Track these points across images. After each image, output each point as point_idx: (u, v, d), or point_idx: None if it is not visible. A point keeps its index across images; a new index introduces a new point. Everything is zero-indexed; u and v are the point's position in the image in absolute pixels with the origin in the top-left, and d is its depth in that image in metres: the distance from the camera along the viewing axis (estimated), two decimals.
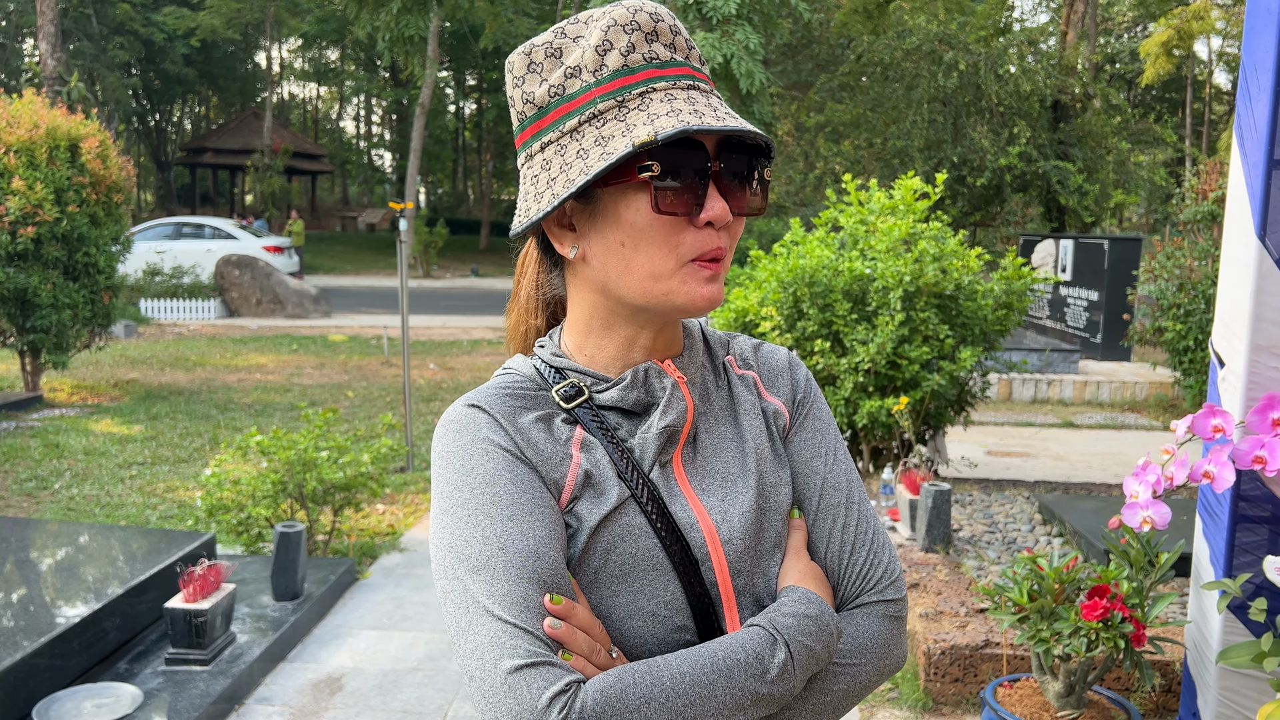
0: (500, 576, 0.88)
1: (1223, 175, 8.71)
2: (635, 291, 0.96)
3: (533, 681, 0.83)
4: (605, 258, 0.96)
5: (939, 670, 3.41)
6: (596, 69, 0.93)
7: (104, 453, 7.05)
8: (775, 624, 0.93)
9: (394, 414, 8.43)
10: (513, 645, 0.85)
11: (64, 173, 8.25)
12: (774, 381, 1.11)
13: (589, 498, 0.95)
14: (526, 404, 0.99)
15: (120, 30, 32.63)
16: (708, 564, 0.96)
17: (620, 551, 0.94)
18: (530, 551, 0.89)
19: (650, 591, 0.94)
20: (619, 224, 0.93)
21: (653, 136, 0.87)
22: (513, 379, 1.03)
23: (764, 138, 0.95)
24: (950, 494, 4.35)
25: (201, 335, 14.38)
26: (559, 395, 1.00)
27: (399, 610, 4.31)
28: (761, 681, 0.90)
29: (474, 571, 0.89)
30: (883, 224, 5.58)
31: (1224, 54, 31.71)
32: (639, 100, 0.92)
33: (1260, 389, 2.47)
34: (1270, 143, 2.44)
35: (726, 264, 0.97)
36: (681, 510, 0.97)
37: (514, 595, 0.87)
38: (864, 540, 1.04)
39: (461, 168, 47.93)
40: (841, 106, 21.17)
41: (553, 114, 0.95)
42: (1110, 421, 9.03)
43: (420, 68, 23.30)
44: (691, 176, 0.91)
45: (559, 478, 0.95)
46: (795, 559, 1.02)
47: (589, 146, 0.91)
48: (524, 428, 0.97)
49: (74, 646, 3.24)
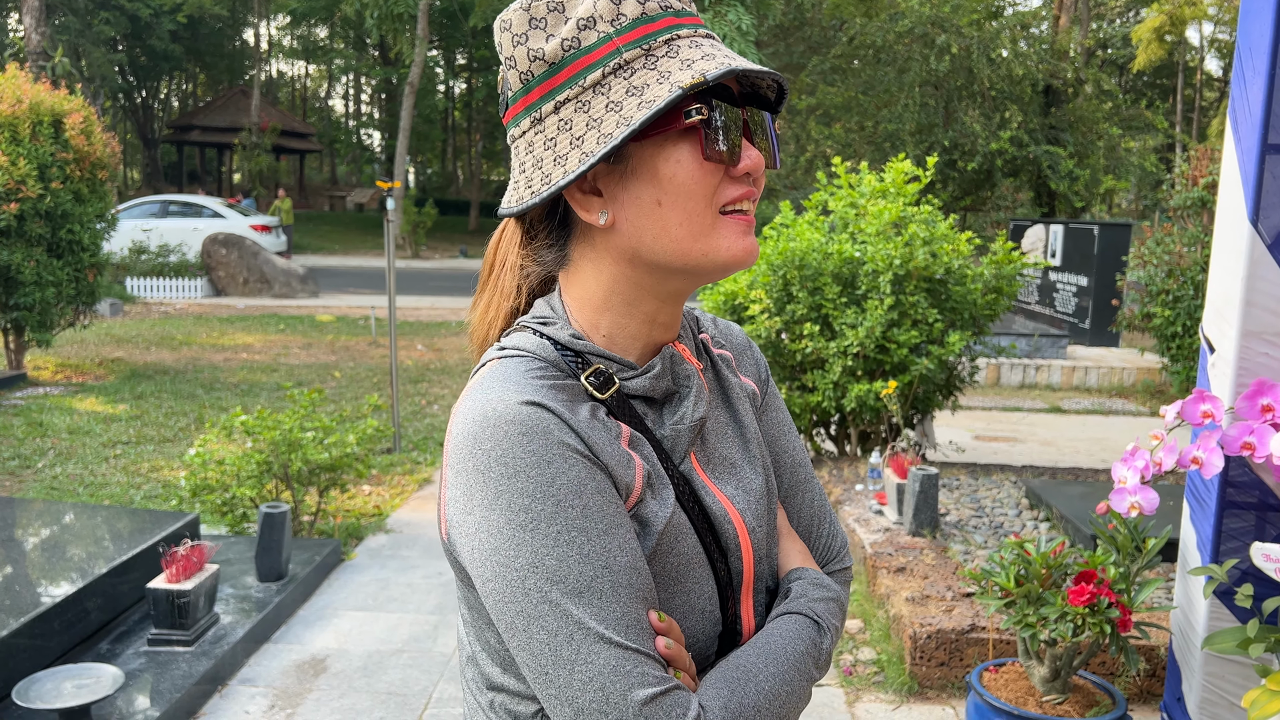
0: (609, 598, 0.81)
1: (1213, 161, 8.71)
2: (673, 253, 0.89)
3: (670, 710, 0.79)
4: (638, 220, 0.89)
5: (925, 654, 3.41)
6: (614, 18, 0.87)
7: (88, 431, 7.00)
8: (815, 611, 0.96)
9: (381, 395, 8.40)
10: (640, 673, 0.80)
11: (47, 149, 8.15)
12: (741, 360, 1.10)
13: (650, 500, 0.90)
14: (570, 396, 0.89)
15: (106, 5, 32.24)
16: (736, 554, 0.95)
17: (675, 552, 0.91)
18: (631, 568, 0.83)
19: (699, 589, 0.92)
20: (656, 180, 0.88)
21: (701, 77, 0.82)
22: (538, 365, 0.91)
23: (783, 82, 0.92)
24: (938, 478, 4.35)
25: (188, 314, 14.29)
26: (590, 384, 0.92)
27: (384, 591, 4.29)
28: (817, 668, 0.94)
29: (575, 594, 0.81)
30: (873, 207, 5.56)
31: (1215, 40, 31.73)
32: (666, 47, 0.87)
33: (1250, 375, 2.46)
34: (1264, 126, 2.42)
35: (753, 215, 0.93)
36: (713, 503, 0.95)
37: (628, 617, 0.82)
38: (825, 512, 1.09)
39: (451, 148, 47.68)
40: (833, 89, 21.09)
41: (569, 69, 0.88)
42: (1098, 407, 9.06)
43: (409, 46, 23.13)
44: (731, 124, 0.87)
45: (629, 481, 0.88)
46: (791, 540, 1.04)
47: (620, 99, 0.85)
48: (585, 427, 0.87)
49: (55, 627, 3.21)
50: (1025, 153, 17.73)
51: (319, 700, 3.35)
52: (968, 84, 18.25)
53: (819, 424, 5.90)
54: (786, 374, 5.61)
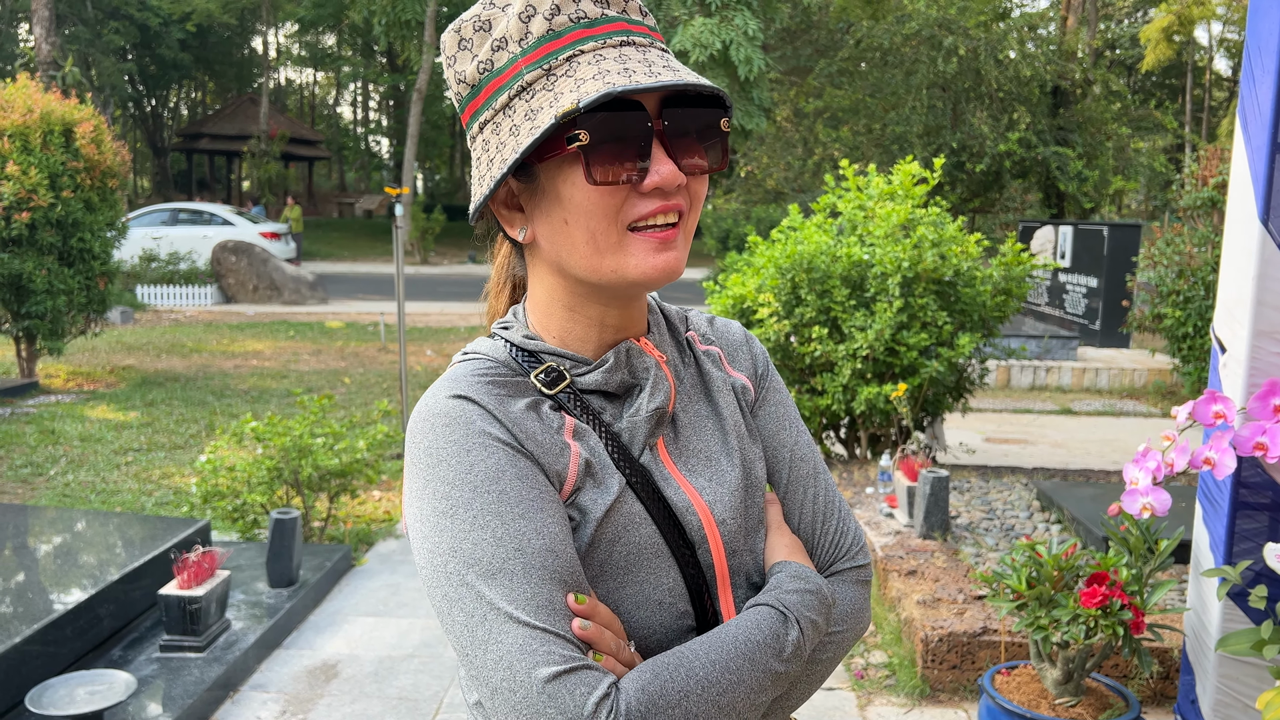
0: (520, 579, 0.83)
1: (1223, 161, 8.67)
2: (586, 269, 0.91)
3: (574, 688, 0.79)
4: (552, 237, 0.91)
5: (936, 657, 3.40)
6: (521, 37, 0.87)
7: (99, 439, 7.02)
8: (783, 602, 0.94)
9: (390, 400, 8.41)
10: (545, 652, 0.80)
11: (58, 158, 8.19)
12: (735, 356, 1.11)
13: (590, 488, 0.91)
14: (509, 391, 0.93)
15: (115, 15, 32.42)
16: (704, 546, 0.95)
17: (624, 542, 0.92)
18: (547, 550, 0.84)
19: (655, 580, 0.93)
20: (559, 200, 0.88)
21: (575, 105, 0.82)
22: (486, 365, 0.95)
23: (709, 88, 0.88)
24: (948, 481, 4.34)
25: (198, 321, 14.34)
26: (539, 381, 0.95)
27: (395, 597, 4.29)
28: (779, 660, 0.90)
29: (488, 576, 0.83)
30: (881, 209, 5.55)
31: (1224, 40, 31.60)
32: (566, 66, 0.86)
33: (1262, 375, 2.45)
34: (1274, 125, 2.41)
35: (688, 227, 0.91)
36: (675, 494, 0.95)
37: (538, 598, 0.82)
38: (833, 509, 1.06)
39: (459, 154, 47.77)
40: (840, 92, 21.08)
41: (485, 91, 0.89)
42: (1109, 409, 9.02)
43: (416, 52, 23.21)
44: (630, 140, 0.85)
45: (561, 470, 0.90)
46: (779, 534, 1.03)
47: (520, 122, 0.86)
48: (516, 418, 0.91)
49: (67, 633, 3.22)
50: (1034, 154, 17.69)
51: (330, 706, 3.36)
52: (975, 85, 18.22)
53: (829, 427, 5.88)
54: (795, 377, 5.60)
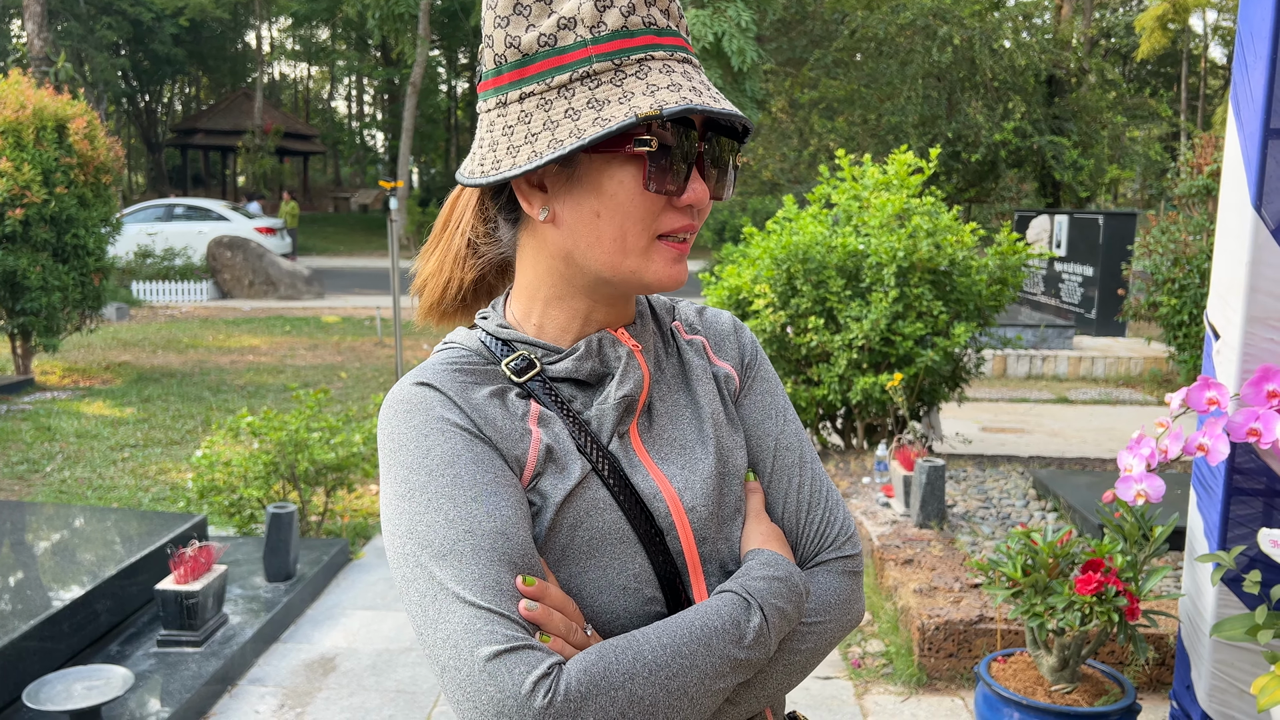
0: (469, 560, 0.84)
1: (1218, 150, 8.66)
2: (602, 264, 0.93)
3: (513, 667, 0.80)
4: (576, 225, 0.92)
5: (933, 646, 3.41)
6: (594, 24, 0.87)
7: (95, 435, 7.02)
8: (748, 588, 0.93)
9: (387, 394, 8.41)
10: (488, 631, 0.82)
11: (51, 154, 8.17)
12: (721, 345, 1.11)
13: (551, 474, 0.92)
14: (477, 379, 0.95)
15: (108, 10, 32.29)
16: (673, 533, 0.96)
17: (586, 527, 0.92)
18: (498, 533, 0.86)
19: (619, 565, 0.93)
20: (599, 193, 0.90)
21: (657, 110, 0.84)
22: (458, 353, 0.98)
23: (748, 123, 0.95)
24: (944, 470, 4.34)
25: (194, 317, 14.32)
26: (509, 369, 0.97)
27: (392, 590, 4.29)
28: (739, 647, 0.90)
29: (439, 557, 0.85)
30: (876, 200, 5.55)
31: (1219, 28, 31.59)
32: (637, 66, 0.88)
33: (1255, 361, 2.45)
34: (1266, 111, 2.41)
35: (691, 243, 0.97)
36: (643, 481, 0.96)
37: (485, 579, 0.84)
38: (819, 499, 1.05)
39: (454, 147, 47.66)
40: (835, 83, 21.05)
41: (540, 64, 0.89)
42: (1105, 397, 9.03)
43: (411, 46, 23.15)
44: (681, 156, 0.89)
45: (520, 454, 0.92)
46: (756, 522, 1.03)
47: (580, 107, 0.87)
48: (478, 404, 0.93)
49: (64, 629, 3.22)
50: (1029, 143, 17.68)
51: (328, 699, 3.36)
52: (970, 75, 18.21)
53: (825, 417, 5.89)
54: (792, 368, 5.60)
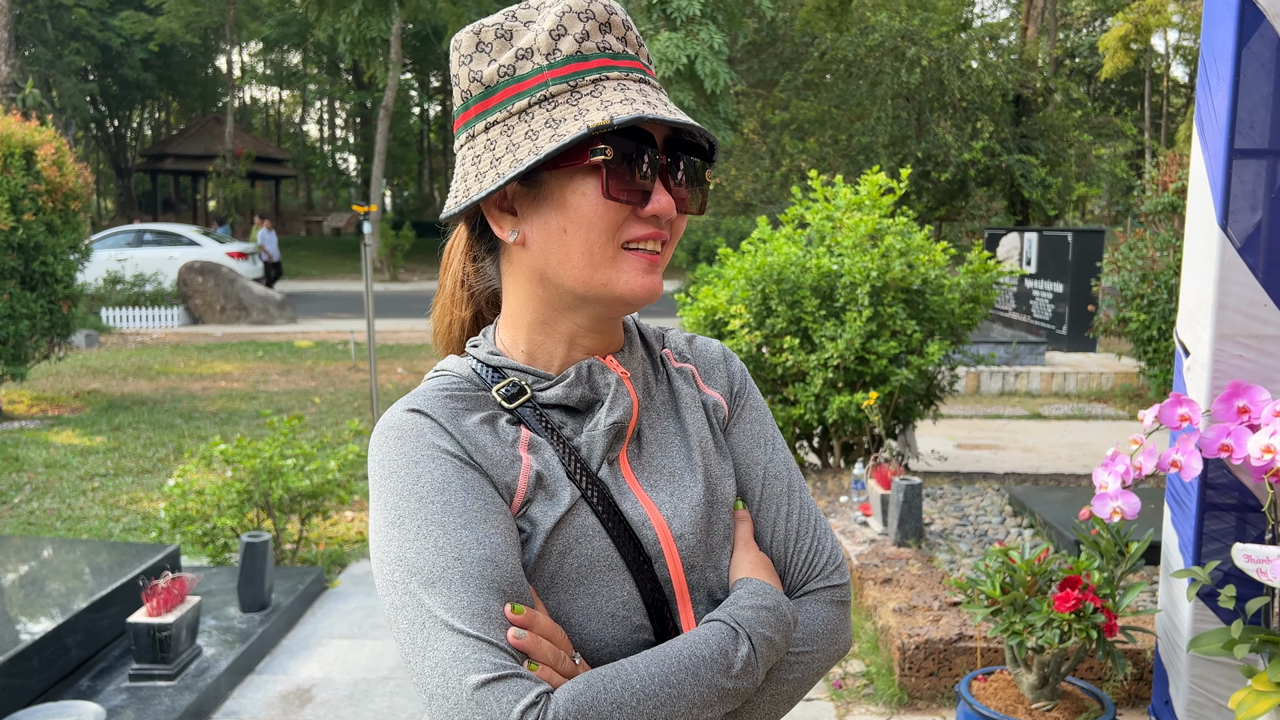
0: (458, 588, 0.84)
1: (1182, 167, 8.81)
2: (574, 280, 0.94)
3: (501, 695, 0.80)
4: (546, 244, 0.94)
5: (913, 665, 3.41)
6: (550, 52, 0.92)
7: (65, 465, 6.92)
8: (735, 618, 0.93)
9: (361, 419, 8.34)
10: (477, 659, 0.81)
11: (19, 181, 8.08)
12: (710, 374, 1.11)
13: (541, 500, 0.92)
14: (468, 406, 0.96)
15: (76, 35, 32.08)
16: (661, 561, 0.96)
17: (575, 554, 0.92)
18: (487, 560, 0.86)
19: (607, 593, 0.93)
20: (563, 209, 0.92)
21: (608, 120, 0.87)
22: (449, 380, 0.99)
23: (709, 137, 0.97)
24: (921, 488, 4.36)
25: (165, 343, 14.18)
26: (500, 395, 0.97)
27: (369, 619, 4.25)
28: (727, 676, 0.90)
29: (428, 585, 0.85)
30: (849, 220, 5.59)
31: (1180, 47, 32.16)
32: (592, 86, 0.91)
33: (1225, 377, 2.48)
34: (1230, 131, 2.46)
35: (666, 258, 0.98)
36: (632, 508, 0.96)
37: (474, 607, 0.84)
38: (808, 527, 1.06)
39: (427, 170, 47.64)
40: (806, 104, 21.23)
41: (501, 94, 0.93)
42: (1077, 412, 9.12)
43: (382, 70, 23.14)
44: (641, 166, 0.91)
45: (510, 481, 0.92)
46: (745, 550, 1.03)
47: (539, 128, 0.90)
48: (469, 431, 0.93)
49: (34, 664, 3.16)
50: (998, 162, 17.88)
51: None
52: (939, 95, 18.41)
53: (802, 436, 5.90)
54: (768, 387, 5.62)
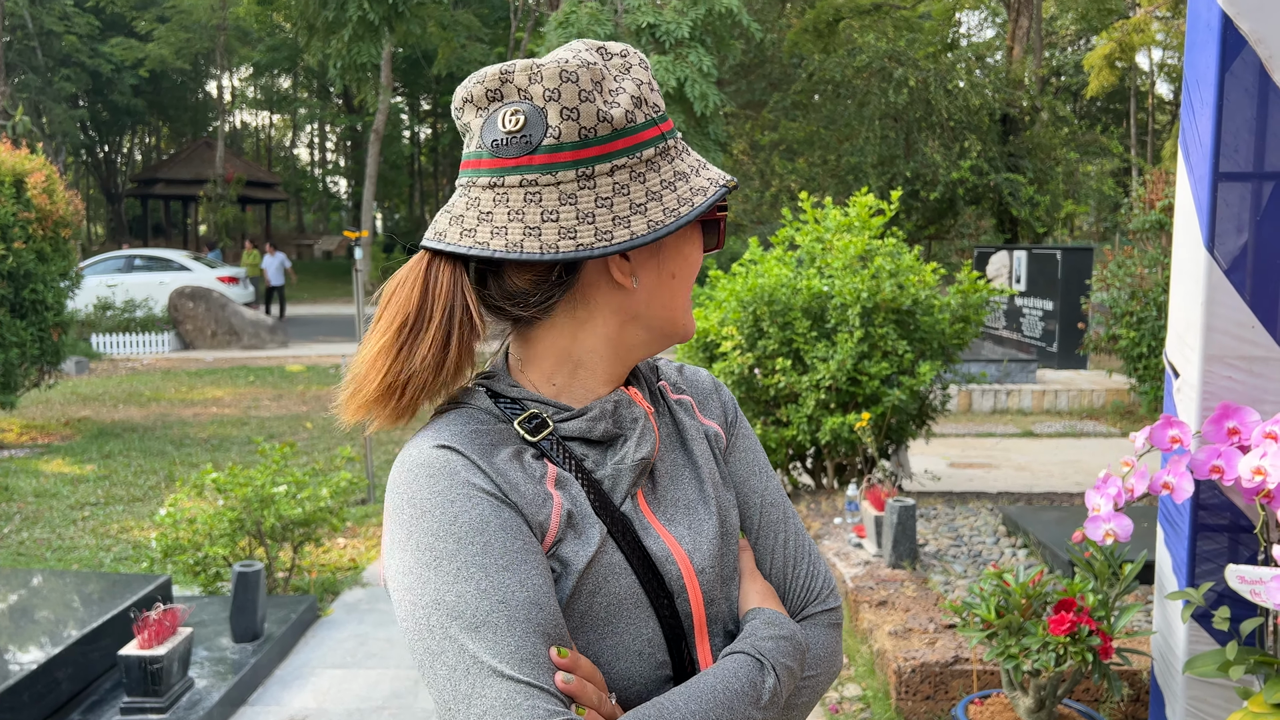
0: (504, 632, 0.82)
1: (1168, 184, 8.87)
2: (667, 320, 0.99)
3: None
4: (655, 289, 0.98)
5: (910, 689, 3.40)
6: (654, 107, 0.96)
7: (55, 494, 6.87)
8: (759, 650, 0.94)
9: (353, 445, 8.32)
10: (530, 706, 0.80)
11: (9, 209, 8.07)
12: (706, 404, 1.12)
13: (571, 539, 0.91)
14: (493, 440, 0.93)
15: (67, 62, 32.12)
16: (683, 596, 0.96)
17: (604, 593, 0.91)
18: (531, 603, 0.84)
19: (634, 631, 0.92)
20: (678, 256, 0.98)
21: (733, 181, 0.97)
22: (470, 411, 0.96)
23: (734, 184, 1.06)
24: (915, 509, 4.36)
25: (156, 369, 14.13)
26: (523, 428, 0.94)
27: (363, 647, 4.22)
28: (757, 708, 0.91)
29: (472, 629, 0.82)
30: (839, 241, 5.61)
31: (1165, 65, 32.47)
32: (677, 146, 0.98)
33: (1215, 399, 2.49)
34: (1214, 155, 2.48)
35: None
36: (655, 543, 0.95)
37: (522, 651, 0.82)
38: (803, 553, 1.08)
39: (418, 192, 47.69)
40: (795, 125, 21.36)
41: (629, 139, 0.93)
42: (1069, 430, 9.14)
43: (373, 94, 23.21)
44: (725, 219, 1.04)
45: (543, 520, 0.90)
46: (752, 580, 1.04)
47: (670, 179, 0.94)
48: (500, 467, 0.90)
49: (24, 699, 3.13)
50: (986, 181, 17.99)
51: None
52: (926, 115, 18.54)
53: (795, 458, 5.90)
54: (761, 409, 5.62)
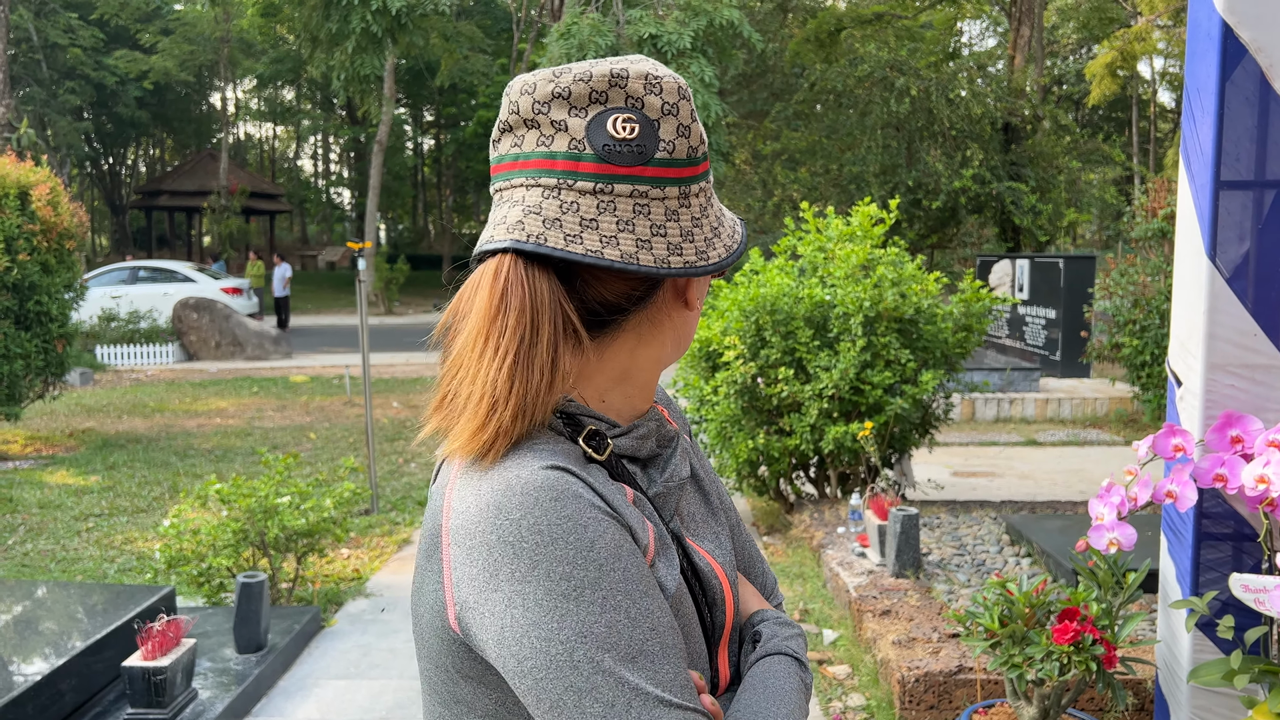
0: (660, 660, 0.80)
1: (1170, 192, 8.88)
2: (684, 346, 1.01)
3: None
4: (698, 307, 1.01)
5: (914, 698, 3.39)
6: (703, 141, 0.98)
7: (59, 505, 6.88)
8: (793, 650, 1.00)
9: (357, 455, 8.33)
10: None
11: (14, 221, 8.11)
12: (671, 411, 1.15)
13: (661, 562, 0.89)
14: (577, 462, 0.88)
15: (71, 75, 32.29)
16: (721, 608, 0.97)
17: (682, 613, 0.91)
18: (672, 628, 0.83)
19: (696, 647, 0.93)
20: (704, 284, 1.01)
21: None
22: (543, 431, 0.89)
23: None
24: (918, 518, 4.36)
25: (160, 380, 14.15)
26: (587, 446, 0.90)
27: (366, 658, 4.22)
28: (806, 703, 0.96)
29: (628, 660, 0.78)
30: (841, 250, 5.62)
31: (1166, 73, 32.53)
32: None
33: (1218, 407, 2.49)
34: (1216, 164, 2.48)
35: None
36: (699, 559, 0.96)
37: (679, 678, 0.81)
38: (757, 554, 1.13)
39: (421, 203, 47.84)
40: (797, 134, 21.40)
41: (706, 164, 0.95)
42: (1073, 438, 9.12)
43: (376, 106, 23.29)
44: None
45: (645, 543, 0.87)
46: (744, 584, 1.07)
47: (723, 207, 0.99)
48: (605, 489, 0.86)
49: (28, 711, 3.13)
50: (988, 189, 18.01)
51: None
52: (928, 124, 18.57)
53: (798, 467, 5.90)
54: (763, 419, 5.62)
